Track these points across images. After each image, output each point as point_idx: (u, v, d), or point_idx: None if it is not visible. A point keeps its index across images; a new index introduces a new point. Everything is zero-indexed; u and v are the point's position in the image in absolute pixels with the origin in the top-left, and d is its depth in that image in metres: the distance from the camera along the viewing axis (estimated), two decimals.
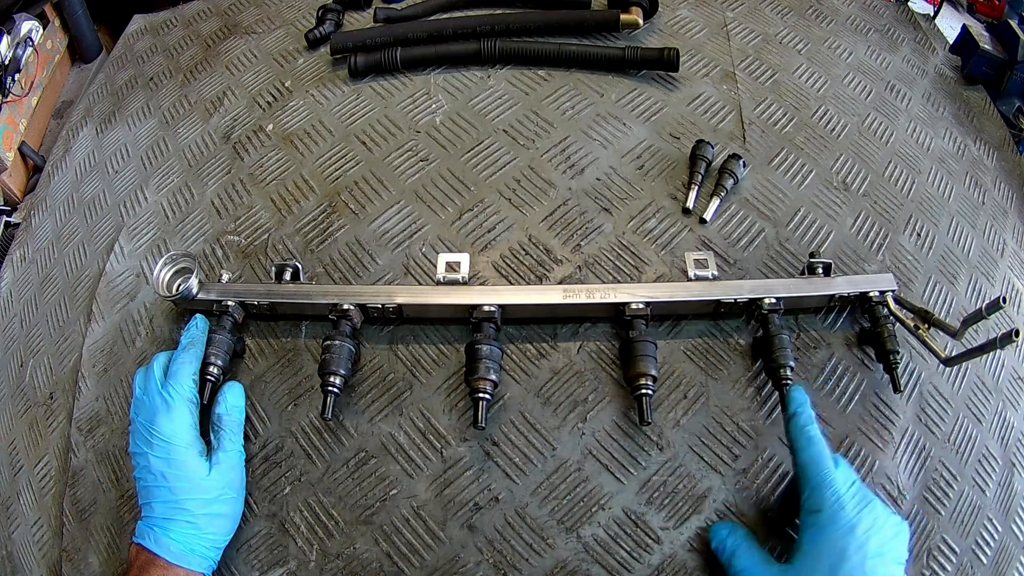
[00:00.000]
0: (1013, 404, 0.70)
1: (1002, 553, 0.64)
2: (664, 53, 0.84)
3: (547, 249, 0.73)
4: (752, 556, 0.55)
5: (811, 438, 0.55)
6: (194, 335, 0.64)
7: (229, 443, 0.61)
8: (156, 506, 0.56)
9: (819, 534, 0.51)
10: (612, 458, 0.62)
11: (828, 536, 0.51)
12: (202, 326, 0.65)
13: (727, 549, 0.56)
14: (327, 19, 0.96)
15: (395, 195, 0.78)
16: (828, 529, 0.51)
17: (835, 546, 0.50)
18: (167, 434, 0.58)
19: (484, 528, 0.60)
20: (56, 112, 1.18)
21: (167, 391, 0.60)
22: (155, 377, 0.61)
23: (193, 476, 0.57)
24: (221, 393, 0.63)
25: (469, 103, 0.84)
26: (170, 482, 0.56)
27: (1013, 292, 0.77)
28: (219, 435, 0.61)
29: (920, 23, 1.01)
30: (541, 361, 0.66)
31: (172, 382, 0.60)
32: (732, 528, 0.57)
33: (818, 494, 0.53)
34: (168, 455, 0.57)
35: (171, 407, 0.59)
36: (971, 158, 0.86)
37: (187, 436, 0.59)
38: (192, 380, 0.61)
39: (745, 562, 0.54)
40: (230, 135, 0.87)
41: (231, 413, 0.63)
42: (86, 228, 0.85)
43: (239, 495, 0.60)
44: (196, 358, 0.62)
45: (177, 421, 0.58)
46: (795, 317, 0.68)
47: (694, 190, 0.74)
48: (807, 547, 0.52)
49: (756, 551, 0.55)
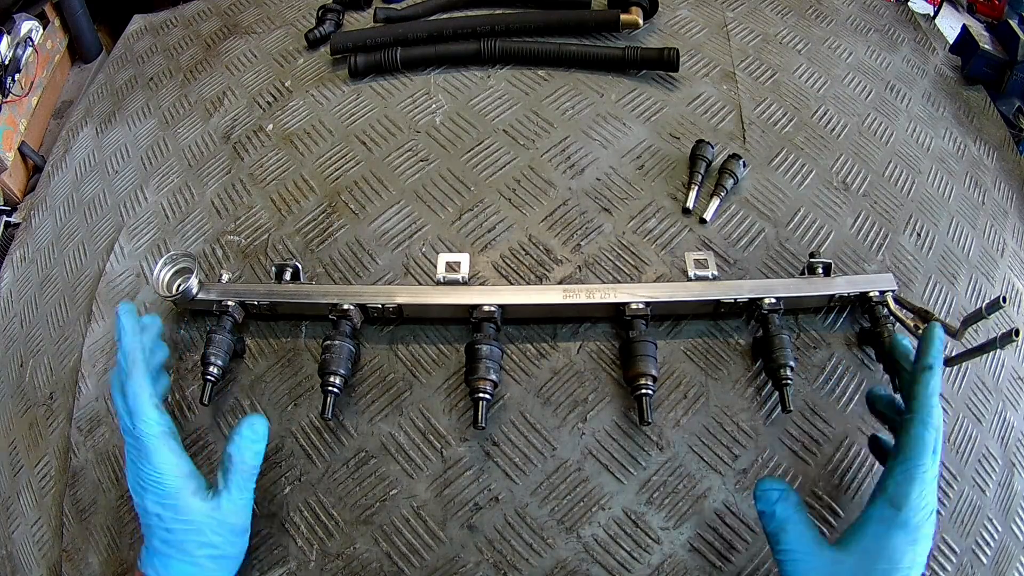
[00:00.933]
0: (1013, 404, 0.70)
1: (1002, 553, 0.64)
2: (664, 53, 0.84)
3: (547, 249, 0.73)
4: (804, 534, 0.48)
5: (931, 412, 0.48)
6: (129, 348, 0.55)
7: (236, 489, 0.55)
8: (155, 542, 0.53)
9: (887, 534, 0.47)
10: (612, 458, 0.62)
11: (895, 539, 0.46)
12: (129, 325, 0.56)
13: (776, 518, 0.49)
14: (327, 19, 0.96)
15: (395, 195, 0.78)
16: (898, 532, 0.47)
17: (896, 552, 0.46)
18: (155, 478, 0.53)
19: (484, 528, 0.60)
20: (56, 112, 1.18)
21: (137, 434, 0.54)
22: (121, 412, 0.55)
23: (190, 519, 0.53)
24: (238, 430, 0.56)
25: (469, 103, 0.84)
26: (166, 523, 0.53)
27: (1013, 292, 0.77)
28: (227, 476, 0.55)
29: (920, 23, 1.01)
30: (541, 361, 0.66)
31: (136, 421, 0.54)
32: (784, 492, 0.50)
33: (906, 489, 0.47)
34: (161, 498, 0.53)
35: (148, 451, 0.53)
36: (971, 158, 0.86)
37: (176, 478, 0.53)
38: (155, 408, 0.54)
39: (795, 541, 0.48)
40: (230, 135, 0.87)
41: (244, 455, 0.56)
42: (86, 228, 0.85)
43: (241, 537, 0.56)
44: (144, 376, 0.55)
45: (160, 463, 0.53)
46: (795, 317, 0.68)
47: (694, 190, 0.74)
48: (869, 543, 0.47)
49: (808, 528, 0.49)
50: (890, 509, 0.47)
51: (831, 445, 0.63)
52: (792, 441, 0.63)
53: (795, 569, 0.47)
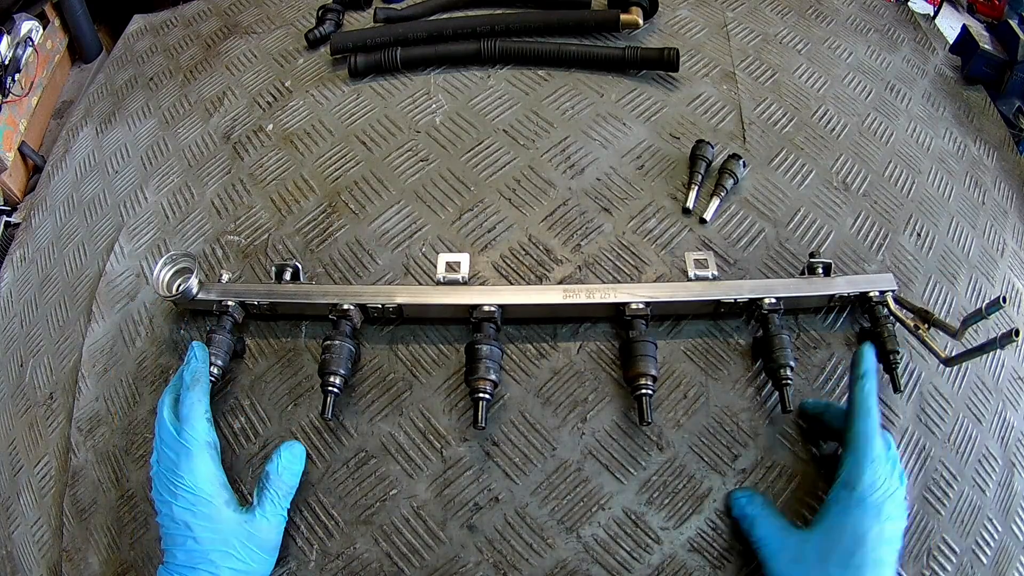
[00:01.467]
0: (1013, 404, 0.70)
1: (1002, 553, 0.64)
2: (664, 53, 0.84)
3: (547, 249, 0.73)
4: (772, 524, 0.55)
5: (870, 410, 0.55)
6: (197, 368, 0.60)
7: (271, 506, 0.57)
8: (179, 553, 0.54)
9: (846, 512, 0.52)
10: (612, 458, 0.62)
11: (854, 516, 0.52)
12: (202, 356, 0.62)
13: (747, 517, 0.56)
14: (327, 19, 0.96)
15: (395, 195, 0.78)
16: (856, 510, 0.52)
17: (858, 528, 0.51)
18: (190, 484, 0.55)
19: (484, 528, 0.60)
20: (56, 112, 1.18)
21: (183, 439, 0.56)
22: (167, 422, 0.57)
23: (219, 528, 0.54)
24: (277, 451, 0.60)
25: (469, 103, 0.84)
26: (195, 532, 0.54)
27: (1013, 292, 0.77)
28: (262, 495, 0.57)
29: (920, 23, 1.01)
30: (541, 361, 0.66)
31: (186, 427, 0.57)
32: (750, 496, 0.58)
33: (857, 472, 0.53)
34: (193, 506, 0.54)
35: (191, 455, 0.56)
36: (971, 158, 0.86)
37: (211, 485, 0.56)
38: (206, 420, 0.58)
39: (765, 530, 0.55)
40: (230, 135, 0.87)
41: (282, 475, 0.59)
42: (86, 228, 0.85)
43: (270, 555, 0.57)
44: (205, 394, 0.59)
45: (199, 470, 0.55)
46: (795, 317, 0.68)
47: (694, 190, 0.74)
48: (831, 521, 0.53)
49: (775, 518, 0.56)
50: (845, 490, 0.53)
51: (831, 445, 0.63)
52: (792, 441, 0.63)
53: (769, 552, 0.54)
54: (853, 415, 0.56)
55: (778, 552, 0.53)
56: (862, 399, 0.56)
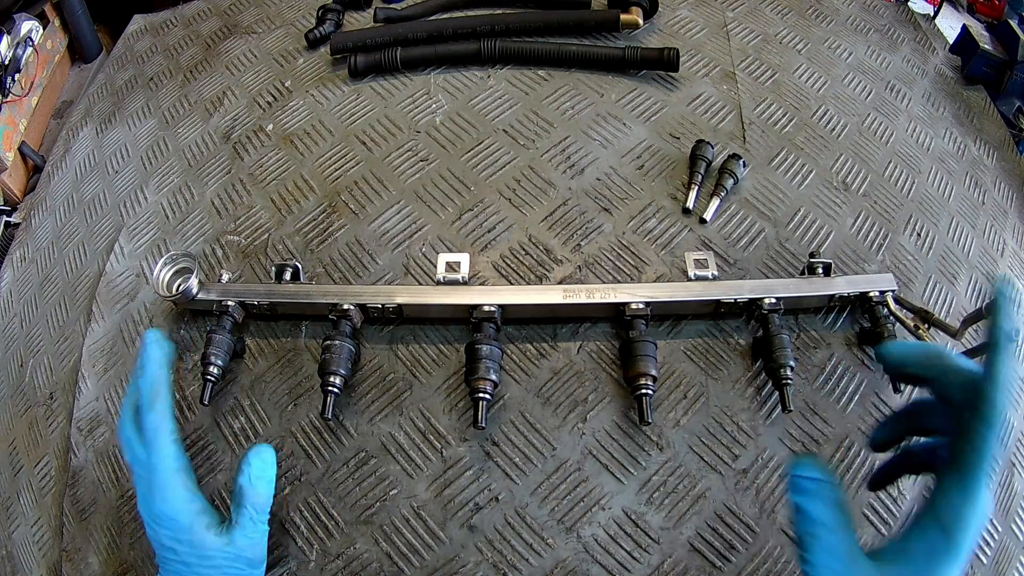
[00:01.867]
0: (1013, 404, 0.70)
1: (1002, 553, 0.64)
2: (664, 53, 0.84)
3: (547, 249, 0.73)
4: (837, 543, 0.40)
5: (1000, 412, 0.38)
6: (153, 378, 0.54)
7: (249, 523, 0.54)
8: (170, 573, 0.53)
9: (934, 562, 0.39)
10: (612, 458, 0.62)
11: (941, 569, 0.39)
12: (157, 357, 0.55)
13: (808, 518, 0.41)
14: (327, 19, 0.96)
15: (395, 195, 0.78)
16: (945, 561, 0.39)
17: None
18: (168, 513, 0.52)
19: (484, 528, 0.60)
20: (56, 112, 1.18)
21: (152, 466, 0.53)
22: (132, 444, 0.53)
23: (203, 552, 0.52)
24: (246, 459, 0.55)
25: (469, 103, 0.84)
26: (181, 557, 0.52)
27: (1013, 292, 0.77)
28: (240, 511, 0.54)
29: (920, 23, 1.01)
30: (541, 361, 0.66)
31: (153, 455, 0.53)
32: (821, 485, 0.41)
33: (961, 513, 0.38)
34: (175, 533, 0.52)
35: (163, 485, 0.52)
36: (971, 158, 0.86)
37: (189, 512, 0.53)
38: (173, 443, 0.53)
39: (825, 552, 0.40)
40: (230, 135, 0.87)
41: (255, 486, 0.54)
42: (86, 228, 0.85)
43: (258, 569, 0.55)
44: (166, 410, 0.54)
45: (173, 499, 0.52)
46: (795, 317, 0.68)
47: (694, 190, 0.74)
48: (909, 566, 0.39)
49: (844, 538, 0.40)
50: (941, 535, 0.39)
51: (831, 445, 0.63)
52: (792, 441, 0.63)
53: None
54: (978, 418, 0.38)
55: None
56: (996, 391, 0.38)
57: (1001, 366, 0.39)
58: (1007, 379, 0.38)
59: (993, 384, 0.38)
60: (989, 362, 0.39)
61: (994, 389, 0.38)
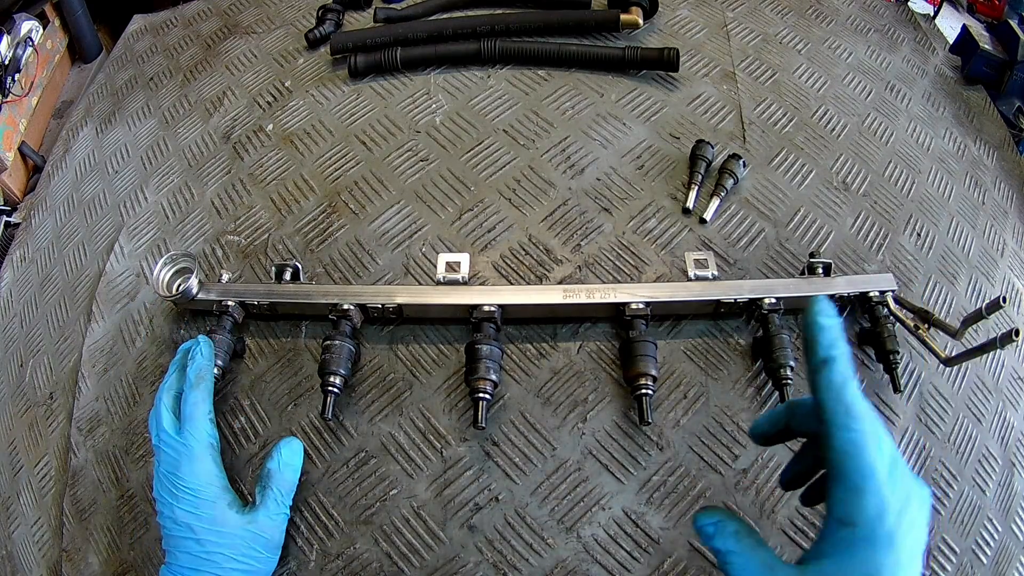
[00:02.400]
0: (1013, 404, 0.70)
1: (1002, 553, 0.64)
2: (664, 53, 0.84)
3: (547, 249, 0.73)
4: (750, 560, 0.42)
5: (850, 408, 0.39)
6: (201, 366, 0.59)
7: (274, 504, 0.56)
8: (181, 555, 0.53)
9: (850, 554, 0.38)
10: (612, 458, 0.62)
11: (860, 557, 0.38)
12: (207, 352, 0.60)
13: (719, 552, 0.43)
14: (327, 19, 0.96)
15: (395, 195, 0.78)
16: (863, 549, 0.38)
17: (866, 566, 0.38)
18: (192, 486, 0.54)
19: (484, 528, 0.60)
20: (56, 112, 1.18)
21: (185, 439, 0.55)
22: (165, 422, 0.56)
23: (223, 529, 0.54)
24: (277, 447, 0.59)
25: (469, 103, 0.84)
26: (197, 534, 0.53)
27: (1013, 292, 0.77)
28: (264, 493, 0.57)
29: (920, 23, 1.01)
30: (541, 361, 0.66)
31: (189, 427, 0.56)
32: (718, 523, 0.43)
33: (855, 503, 0.38)
34: (195, 508, 0.53)
35: (193, 457, 0.55)
36: (971, 158, 0.86)
37: (214, 487, 0.55)
38: (209, 421, 0.57)
39: (742, 569, 0.41)
40: (230, 135, 0.87)
41: (283, 471, 0.58)
42: (86, 228, 0.85)
43: (273, 554, 0.57)
44: (208, 393, 0.58)
45: (201, 471, 0.55)
46: (795, 317, 0.68)
47: (694, 190, 0.74)
48: (830, 567, 0.39)
49: (754, 552, 0.42)
50: (844, 529, 0.39)
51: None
52: (792, 441, 0.63)
53: None
54: (827, 424, 0.39)
55: None
56: (833, 397, 0.39)
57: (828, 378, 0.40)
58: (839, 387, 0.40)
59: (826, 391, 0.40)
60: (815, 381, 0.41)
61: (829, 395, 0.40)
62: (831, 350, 0.41)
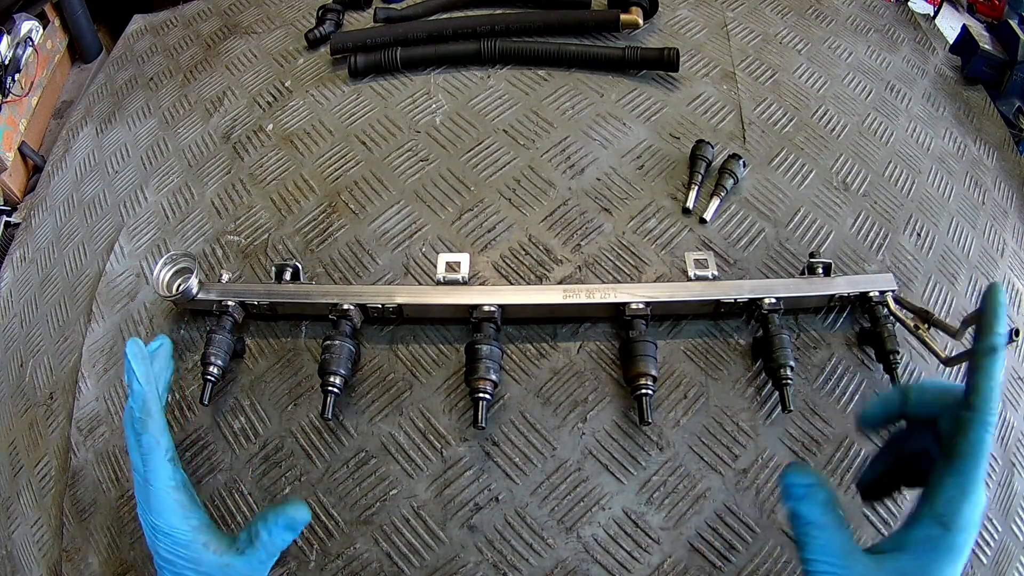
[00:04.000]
0: (1013, 404, 0.70)
1: (1002, 553, 0.64)
2: (664, 53, 0.84)
3: (547, 249, 0.73)
4: (834, 540, 0.41)
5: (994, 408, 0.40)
6: (144, 397, 0.53)
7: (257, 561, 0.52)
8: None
9: (931, 553, 0.39)
10: (612, 458, 0.62)
11: (939, 562, 0.39)
12: (143, 371, 0.53)
13: (801, 519, 0.42)
14: (327, 19, 0.96)
15: (395, 195, 0.78)
16: (944, 555, 0.39)
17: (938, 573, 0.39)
18: (165, 528, 0.52)
19: (484, 528, 0.60)
20: (56, 112, 1.18)
21: (150, 486, 0.52)
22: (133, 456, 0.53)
23: (202, 569, 0.51)
24: (277, 514, 0.52)
25: (469, 103, 0.84)
26: (178, 569, 0.51)
27: (1013, 292, 0.77)
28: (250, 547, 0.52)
29: (920, 23, 1.01)
30: (541, 361, 0.66)
31: (149, 474, 0.52)
32: (809, 488, 0.43)
33: (958, 506, 0.39)
34: (172, 548, 0.51)
35: (160, 505, 0.52)
36: (971, 158, 0.86)
37: (187, 532, 0.52)
38: (168, 462, 0.53)
39: (823, 549, 0.41)
40: (230, 135, 0.87)
41: (274, 538, 0.52)
42: (86, 228, 0.85)
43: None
44: (160, 429, 0.53)
45: (170, 517, 0.52)
46: (795, 317, 0.68)
47: (694, 190, 0.74)
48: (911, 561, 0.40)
49: (838, 534, 0.41)
50: (938, 528, 0.39)
51: (831, 445, 0.63)
52: (792, 441, 0.63)
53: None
54: (972, 418, 0.39)
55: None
56: (988, 390, 0.40)
57: (993, 368, 0.40)
58: (998, 379, 0.40)
59: (987, 380, 0.40)
60: (979, 366, 0.41)
61: (988, 385, 0.40)
62: (1002, 338, 0.41)
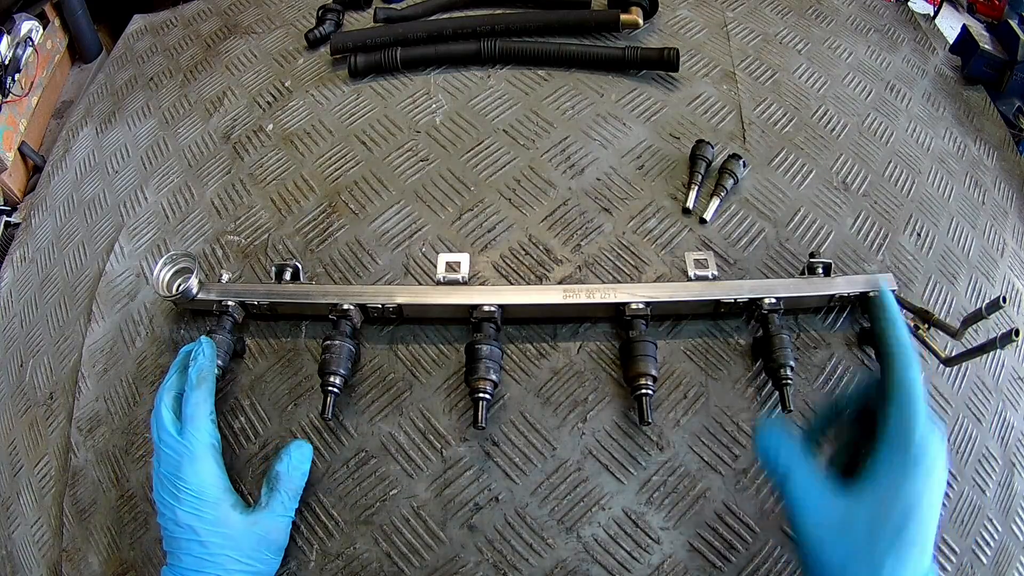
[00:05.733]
0: (1013, 404, 0.70)
1: (1002, 553, 0.64)
2: (664, 53, 0.84)
3: (547, 249, 0.73)
4: (811, 482, 0.46)
5: (911, 354, 0.49)
6: (203, 366, 0.58)
7: (280, 506, 0.56)
8: (184, 557, 0.52)
9: (901, 476, 0.45)
10: (612, 458, 0.62)
11: (909, 482, 0.44)
12: (209, 353, 0.60)
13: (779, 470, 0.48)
14: (327, 19, 0.96)
15: (395, 195, 0.78)
16: (910, 475, 0.45)
17: (911, 497, 0.44)
18: (194, 487, 0.53)
19: (484, 528, 0.60)
20: (56, 112, 1.18)
21: (186, 440, 0.55)
22: (166, 423, 0.56)
23: (226, 531, 0.53)
24: (287, 450, 0.59)
25: (469, 103, 0.84)
26: (201, 536, 0.52)
27: (1013, 292, 0.77)
28: (272, 495, 0.57)
29: (920, 23, 1.01)
30: (541, 361, 0.66)
31: (190, 428, 0.55)
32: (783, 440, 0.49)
33: (908, 428, 0.46)
34: (198, 509, 0.53)
35: (195, 458, 0.54)
36: (971, 158, 0.86)
37: (217, 488, 0.54)
38: (211, 421, 0.57)
39: (802, 490, 0.46)
40: (230, 135, 0.87)
41: (292, 474, 0.58)
42: (86, 228, 0.85)
43: (277, 556, 0.57)
44: (210, 393, 0.58)
45: (203, 472, 0.54)
46: (795, 317, 0.68)
47: (694, 190, 0.74)
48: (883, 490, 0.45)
49: (813, 476, 0.47)
50: (897, 452, 0.46)
51: (831, 445, 0.63)
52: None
53: (807, 520, 0.45)
54: (893, 363, 0.49)
55: (819, 521, 0.45)
56: (899, 344, 0.50)
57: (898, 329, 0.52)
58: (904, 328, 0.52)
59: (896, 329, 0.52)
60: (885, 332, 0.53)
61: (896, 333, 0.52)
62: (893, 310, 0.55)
